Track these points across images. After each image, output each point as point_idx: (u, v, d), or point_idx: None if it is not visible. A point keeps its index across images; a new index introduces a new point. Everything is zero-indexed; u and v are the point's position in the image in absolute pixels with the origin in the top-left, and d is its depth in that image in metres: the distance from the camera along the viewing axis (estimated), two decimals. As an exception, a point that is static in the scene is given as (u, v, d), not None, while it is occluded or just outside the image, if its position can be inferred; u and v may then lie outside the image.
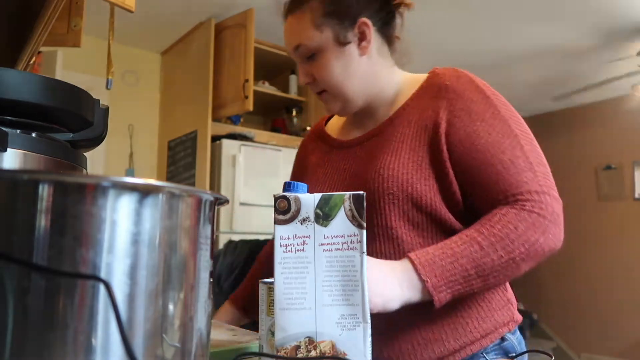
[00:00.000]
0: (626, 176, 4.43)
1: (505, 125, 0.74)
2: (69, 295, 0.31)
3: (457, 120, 0.74)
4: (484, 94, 0.76)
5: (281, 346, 0.55)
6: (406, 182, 0.74)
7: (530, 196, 0.69)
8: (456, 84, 0.77)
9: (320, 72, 0.82)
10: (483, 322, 0.75)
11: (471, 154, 0.73)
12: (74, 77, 2.91)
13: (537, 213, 0.69)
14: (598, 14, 2.94)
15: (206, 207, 0.41)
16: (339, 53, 0.81)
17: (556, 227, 0.70)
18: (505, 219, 0.68)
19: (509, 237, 0.67)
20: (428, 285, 0.64)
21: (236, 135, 3.12)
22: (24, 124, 0.50)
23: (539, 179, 0.71)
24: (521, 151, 0.72)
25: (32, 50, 0.91)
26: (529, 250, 0.67)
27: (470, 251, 0.66)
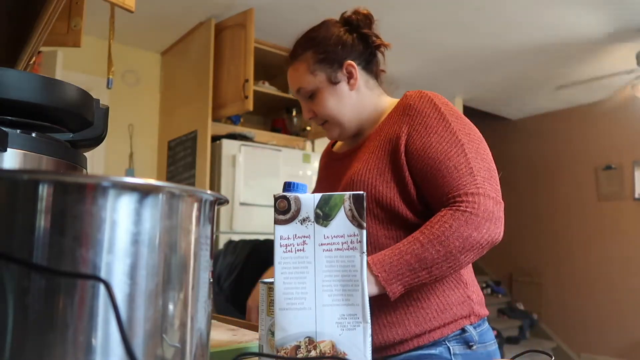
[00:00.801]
0: (626, 176, 4.43)
1: (454, 136, 0.88)
2: (69, 295, 0.31)
3: (414, 132, 0.89)
4: (439, 111, 0.90)
5: (281, 346, 0.55)
6: (370, 185, 0.90)
7: (465, 197, 0.82)
8: (418, 104, 0.92)
9: (318, 108, 1.00)
10: (442, 313, 0.88)
11: (424, 161, 0.87)
12: (74, 77, 2.92)
13: (469, 212, 0.81)
14: (599, 14, 2.94)
15: (206, 207, 0.41)
16: (332, 91, 0.99)
17: (490, 223, 0.81)
18: (442, 220, 0.81)
19: (444, 234, 0.79)
20: (380, 279, 0.77)
21: (236, 135, 3.13)
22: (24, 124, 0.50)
23: (477, 182, 0.84)
24: (464, 159, 0.85)
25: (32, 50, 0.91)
26: (464, 244, 0.79)
27: (413, 248, 0.79)
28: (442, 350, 0.87)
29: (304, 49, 1.01)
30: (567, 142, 4.86)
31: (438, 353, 0.87)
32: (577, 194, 4.72)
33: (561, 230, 4.81)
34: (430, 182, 0.86)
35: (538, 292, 4.96)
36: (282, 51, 3.40)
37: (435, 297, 0.89)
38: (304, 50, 1.01)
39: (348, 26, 1.00)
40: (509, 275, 5.29)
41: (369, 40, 1.00)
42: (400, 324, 0.87)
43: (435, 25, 3.12)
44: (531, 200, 5.05)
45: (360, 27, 1.00)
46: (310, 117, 1.02)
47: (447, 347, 0.87)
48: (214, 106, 3.06)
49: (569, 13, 2.93)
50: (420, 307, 0.88)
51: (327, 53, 0.99)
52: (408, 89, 1.01)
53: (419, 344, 0.86)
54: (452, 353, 0.87)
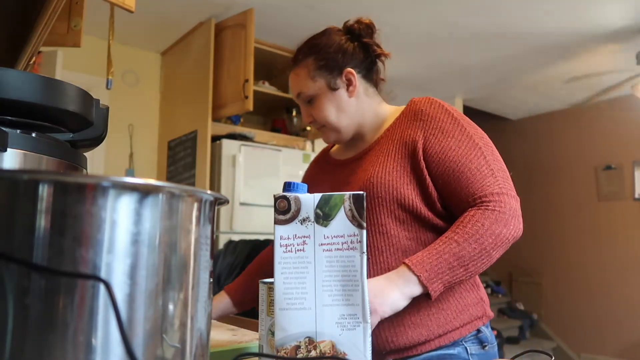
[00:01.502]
0: (626, 176, 4.43)
1: (470, 140, 0.92)
2: (69, 295, 0.31)
3: (431, 137, 0.93)
4: (452, 116, 0.95)
5: (281, 346, 0.55)
6: (392, 187, 0.92)
7: (492, 197, 0.86)
8: (429, 109, 0.95)
9: (317, 113, 1.02)
10: (460, 314, 0.92)
11: (445, 164, 0.90)
12: (74, 77, 2.92)
13: (498, 210, 0.85)
14: (599, 14, 2.94)
15: (206, 207, 0.41)
16: (331, 97, 1.02)
17: (515, 220, 0.86)
18: (474, 219, 0.85)
19: (478, 232, 0.83)
20: (422, 279, 0.79)
21: (236, 135, 3.12)
22: (24, 124, 0.50)
23: (498, 182, 0.88)
24: (484, 161, 0.90)
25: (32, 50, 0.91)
26: (496, 240, 0.84)
27: (450, 248, 0.82)
28: (460, 351, 0.91)
29: (305, 55, 1.04)
30: (567, 142, 4.86)
31: (457, 353, 0.90)
32: (577, 194, 4.72)
33: (561, 230, 4.81)
34: (452, 184, 0.89)
35: (538, 292, 4.96)
36: (282, 51, 3.40)
37: (454, 299, 0.92)
38: (305, 57, 1.04)
39: (350, 35, 1.03)
40: (509, 275, 5.29)
41: (369, 49, 1.03)
42: (423, 325, 0.89)
43: (435, 25, 3.12)
44: (531, 200, 5.05)
45: (362, 36, 1.02)
46: (309, 121, 1.05)
47: (464, 347, 0.91)
48: (214, 106, 3.06)
49: (570, 13, 2.93)
50: (440, 308, 0.91)
51: (327, 60, 1.02)
52: (408, 89, 1.02)
53: (440, 345, 0.89)
54: (470, 353, 0.91)
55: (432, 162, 0.91)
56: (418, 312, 0.89)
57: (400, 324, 0.89)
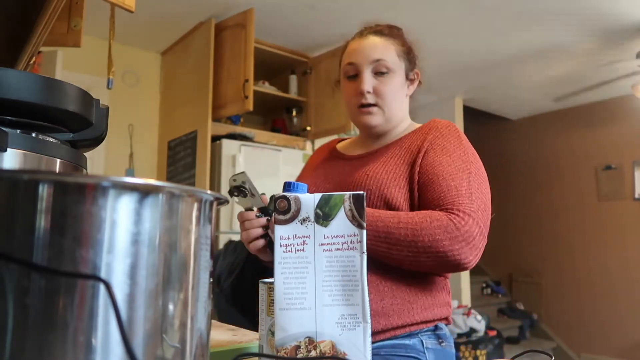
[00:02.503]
0: (626, 176, 4.43)
1: (464, 164, 0.93)
2: (69, 295, 0.31)
3: (431, 150, 0.95)
4: (459, 140, 0.97)
5: (281, 346, 0.55)
6: (383, 184, 0.93)
7: (457, 212, 0.84)
8: (444, 129, 0.99)
9: (384, 88, 1.02)
10: (425, 312, 0.92)
11: (429, 175, 0.91)
12: (74, 77, 2.92)
13: (454, 224, 0.83)
14: (599, 14, 2.94)
15: (206, 207, 0.41)
16: (402, 82, 1.05)
17: (466, 246, 0.82)
18: (427, 214, 0.85)
19: (420, 224, 0.82)
20: None
21: (236, 135, 3.12)
22: (24, 124, 0.50)
23: (472, 206, 0.86)
24: (467, 184, 0.90)
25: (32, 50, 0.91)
26: (432, 244, 0.82)
27: (390, 220, 0.84)
28: (415, 342, 0.90)
29: (394, 36, 1.05)
30: (567, 142, 4.86)
31: (412, 344, 0.90)
32: (577, 194, 4.72)
33: (561, 230, 4.81)
34: (428, 193, 0.90)
35: (538, 292, 4.96)
36: (282, 51, 3.40)
37: (423, 295, 0.93)
38: (394, 37, 1.05)
39: None
40: (509, 275, 5.29)
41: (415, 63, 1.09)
42: (384, 316, 0.88)
43: (436, 26, 3.12)
44: (531, 200, 5.05)
45: None
46: (367, 91, 1.02)
47: (420, 340, 0.91)
48: (214, 106, 3.06)
49: (570, 14, 2.93)
50: (407, 300, 0.90)
51: (410, 53, 1.06)
52: (408, 89, 1.06)
53: (395, 334, 0.89)
54: (425, 346, 0.91)
55: (421, 172, 0.93)
56: (381, 301, 0.89)
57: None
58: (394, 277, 0.90)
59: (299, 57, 3.51)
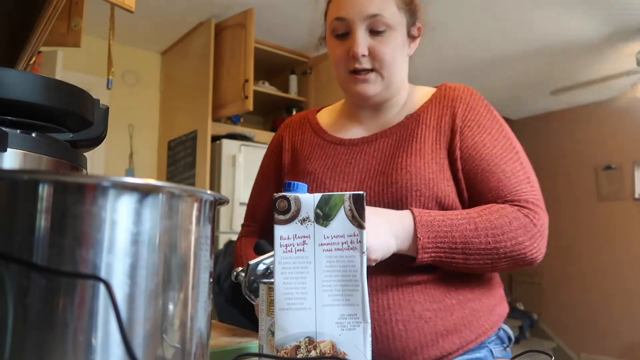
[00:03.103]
0: (626, 176, 4.43)
1: (508, 141, 0.82)
2: (69, 295, 0.31)
3: (467, 129, 0.81)
4: (491, 112, 0.85)
5: (281, 346, 0.55)
6: (432, 181, 0.78)
7: (526, 204, 0.76)
8: (469, 99, 0.85)
9: (383, 48, 0.83)
10: (490, 315, 0.81)
11: (476, 162, 0.79)
12: (74, 77, 2.92)
13: (530, 219, 0.75)
14: (599, 14, 2.94)
15: (206, 207, 0.41)
16: (404, 40, 0.86)
17: (542, 240, 0.76)
18: (503, 212, 0.74)
19: (501, 228, 0.73)
20: (419, 242, 0.71)
21: (236, 135, 3.12)
22: (24, 124, 0.50)
23: (534, 192, 0.78)
24: (521, 166, 0.80)
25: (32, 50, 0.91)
26: (514, 248, 0.73)
27: (466, 228, 0.72)
28: (485, 354, 0.81)
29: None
30: (567, 142, 4.86)
31: (483, 357, 0.80)
32: (577, 194, 4.72)
33: (561, 230, 4.81)
34: (479, 185, 0.79)
35: (538, 292, 4.96)
36: (282, 51, 3.40)
37: (486, 299, 0.82)
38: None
39: None
40: (508, 275, 5.29)
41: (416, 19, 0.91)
42: (456, 332, 0.77)
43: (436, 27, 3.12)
44: (531, 200, 5.05)
45: None
46: (364, 54, 0.83)
47: (489, 350, 0.82)
48: (214, 106, 3.06)
49: (570, 13, 2.93)
50: (474, 309, 0.79)
51: (411, 3, 0.88)
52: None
53: (468, 349, 0.79)
54: (494, 356, 0.81)
55: (463, 157, 0.80)
56: (451, 316, 0.77)
57: (432, 333, 0.76)
58: (457, 286, 0.79)
59: (299, 57, 3.51)
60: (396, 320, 0.76)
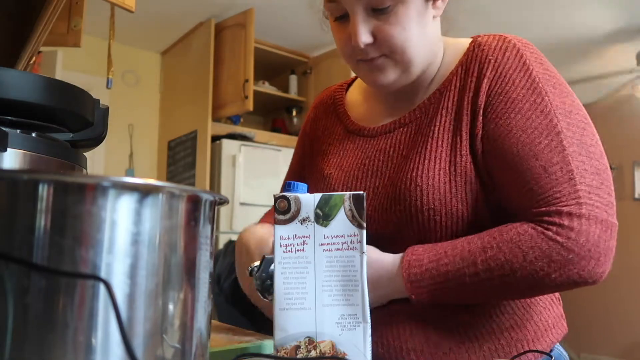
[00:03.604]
0: (626, 176, 4.43)
1: (546, 118, 0.60)
2: (69, 295, 0.31)
3: (491, 110, 0.63)
4: (530, 75, 0.63)
5: (281, 346, 0.55)
6: (448, 195, 0.63)
7: (559, 219, 0.56)
8: (501, 59, 0.64)
9: (391, 30, 0.65)
10: (540, 339, 0.66)
11: (498, 156, 0.61)
12: (74, 77, 2.92)
13: (560, 243, 0.55)
14: (599, 13, 2.94)
15: (206, 207, 0.41)
16: (420, 6, 0.67)
17: (587, 262, 0.56)
18: (517, 240, 0.57)
19: (512, 265, 0.56)
20: (413, 299, 0.62)
21: (236, 135, 3.13)
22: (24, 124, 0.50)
23: (579, 194, 0.57)
24: (561, 155, 0.58)
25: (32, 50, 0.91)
26: (533, 286, 0.57)
27: (464, 274, 0.58)
28: None
29: None
30: (567, 142, 4.86)
31: None
32: (577, 194, 4.72)
33: (561, 230, 4.82)
34: (504, 189, 0.63)
35: (538, 292, 4.96)
36: (282, 51, 3.40)
37: (532, 320, 0.66)
38: None
39: None
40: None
41: None
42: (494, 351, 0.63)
43: (435, 25, 3.12)
44: (531, 200, 5.04)
45: None
46: (368, 42, 0.66)
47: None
48: (214, 106, 3.06)
49: (570, 13, 2.93)
50: (516, 338, 0.64)
51: None
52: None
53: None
54: None
55: (484, 152, 0.63)
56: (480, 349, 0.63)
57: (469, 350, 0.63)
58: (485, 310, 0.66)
59: (299, 57, 3.51)
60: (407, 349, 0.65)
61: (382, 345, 0.66)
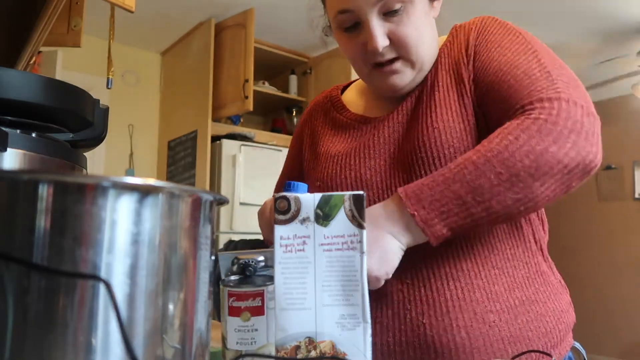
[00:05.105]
0: (626, 176, 4.43)
1: (522, 45, 0.66)
2: (69, 295, 0.31)
3: (477, 54, 0.69)
4: (505, 27, 0.71)
5: (281, 346, 0.55)
6: (464, 132, 0.66)
7: (540, 104, 0.59)
8: (481, 24, 0.73)
9: (405, 30, 0.69)
10: (558, 323, 0.67)
11: (486, 78, 0.65)
12: (74, 77, 2.92)
13: (543, 119, 0.57)
14: (599, 14, 2.94)
15: (206, 207, 0.41)
16: (425, 6, 0.72)
17: (578, 136, 0.57)
18: (505, 131, 0.58)
19: (507, 149, 0.57)
20: (416, 219, 0.58)
21: (236, 135, 3.13)
22: (24, 124, 0.50)
23: (556, 85, 0.60)
24: (538, 63, 0.63)
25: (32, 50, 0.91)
26: (537, 162, 0.56)
27: (464, 173, 0.57)
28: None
29: None
30: (567, 142, 4.86)
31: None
32: (577, 194, 4.71)
33: (561, 231, 4.81)
34: (494, 103, 0.65)
35: (538, 292, 4.96)
36: (282, 51, 3.40)
37: (551, 302, 0.68)
38: None
39: None
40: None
41: None
42: (524, 339, 0.64)
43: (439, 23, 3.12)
44: (531, 200, 5.04)
45: None
46: (386, 44, 0.69)
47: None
48: (214, 106, 3.06)
49: (570, 14, 2.93)
50: (540, 314, 0.66)
51: None
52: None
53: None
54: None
55: (475, 82, 0.68)
56: (516, 320, 0.64)
57: (498, 340, 0.63)
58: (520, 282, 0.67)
59: (299, 57, 3.51)
60: (457, 326, 0.63)
61: (431, 326, 0.64)
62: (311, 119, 0.90)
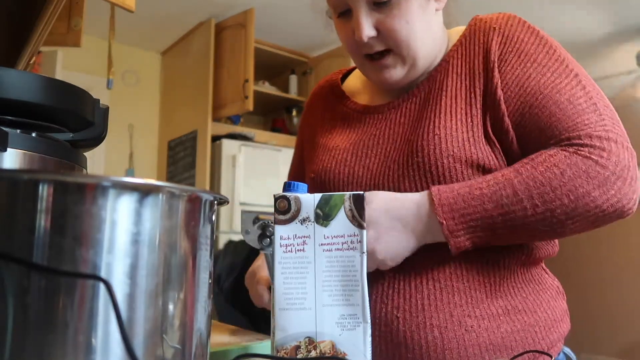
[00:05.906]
0: (626, 176, 4.43)
1: (562, 65, 0.64)
2: (69, 295, 0.31)
3: (505, 64, 0.65)
4: (537, 34, 0.67)
5: (281, 346, 0.55)
6: (467, 142, 0.63)
7: (590, 141, 0.57)
8: (505, 26, 0.67)
9: (393, 23, 0.66)
10: (549, 333, 0.65)
11: (520, 99, 0.62)
12: (74, 77, 2.92)
13: (594, 161, 0.55)
14: (600, 13, 2.94)
15: (206, 207, 0.41)
16: (424, 2, 0.68)
17: (622, 182, 0.56)
18: (551, 161, 0.56)
19: (550, 183, 0.55)
20: (444, 229, 0.58)
21: (236, 135, 3.13)
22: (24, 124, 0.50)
23: (604, 122, 0.59)
24: (583, 91, 0.61)
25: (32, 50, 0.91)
26: (576, 203, 0.55)
27: (502, 195, 0.56)
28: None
29: None
30: (567, 142, 4.86)
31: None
32: (577, 194, 4.72)
33: (561, 230, 4.82)
34: (531, 127, 0.61)
35: (538, 292, 4.96)
36: (282, 51, 3.40)
37: (542, 310, 0.66)
38: None
39: None
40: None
41: None
42: (505, 349, 0.62)
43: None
44: (531, 200, 5.04)
45: None
46: (371, 35, 0.67)
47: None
48: (214, 106, 3.06)
49: (569, 13, 2.93)
50: (528, 324, 0.64)
51: None
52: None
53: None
54: None
55: (505, 99, 0.63)
56: (498, 329, 0.62)
57: (474, 345, 0.61)
58: (505, 291, 0.64)
59: (299, 57, 3.51)
60: (431, 325, 0.62)
61: (405, 321, 0.64)
62: (311, 109, 0.88)
